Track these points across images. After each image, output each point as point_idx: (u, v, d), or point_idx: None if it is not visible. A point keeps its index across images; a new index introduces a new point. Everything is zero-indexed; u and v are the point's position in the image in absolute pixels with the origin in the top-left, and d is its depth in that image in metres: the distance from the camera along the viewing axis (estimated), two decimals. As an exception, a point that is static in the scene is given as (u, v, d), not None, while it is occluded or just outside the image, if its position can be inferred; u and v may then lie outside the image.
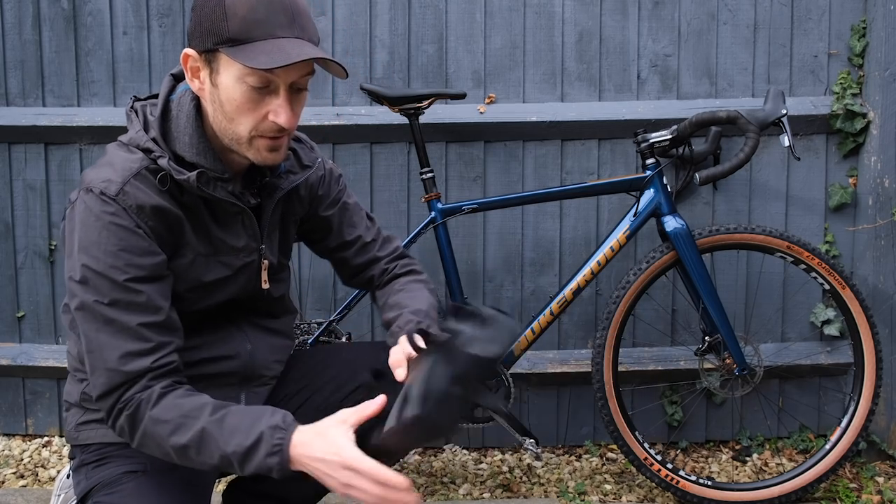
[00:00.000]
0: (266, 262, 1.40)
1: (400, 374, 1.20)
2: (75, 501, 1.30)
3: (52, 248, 2.54)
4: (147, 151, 1.24)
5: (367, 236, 1.54)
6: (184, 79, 1.32)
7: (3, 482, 2.34)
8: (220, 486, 2.04)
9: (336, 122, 2.41)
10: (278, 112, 1.21)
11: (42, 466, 2.44)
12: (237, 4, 1.16)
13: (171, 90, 1.30)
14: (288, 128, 1.23)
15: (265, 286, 1.42)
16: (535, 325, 2.17)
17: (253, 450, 1.14)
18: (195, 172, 1.23)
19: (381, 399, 1.15)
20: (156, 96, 1.33)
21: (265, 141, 1.24)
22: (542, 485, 2.35)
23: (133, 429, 1.20)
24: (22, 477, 2.38)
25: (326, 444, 1.12)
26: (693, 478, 2.17)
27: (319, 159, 1.48)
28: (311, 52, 1.17)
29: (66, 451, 2.51)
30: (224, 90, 1.20)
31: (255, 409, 1.20)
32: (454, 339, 1.19)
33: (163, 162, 1.22)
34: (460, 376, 1.13)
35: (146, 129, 1.26)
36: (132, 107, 1.30)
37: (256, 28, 1.16)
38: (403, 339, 1.25)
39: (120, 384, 1.19)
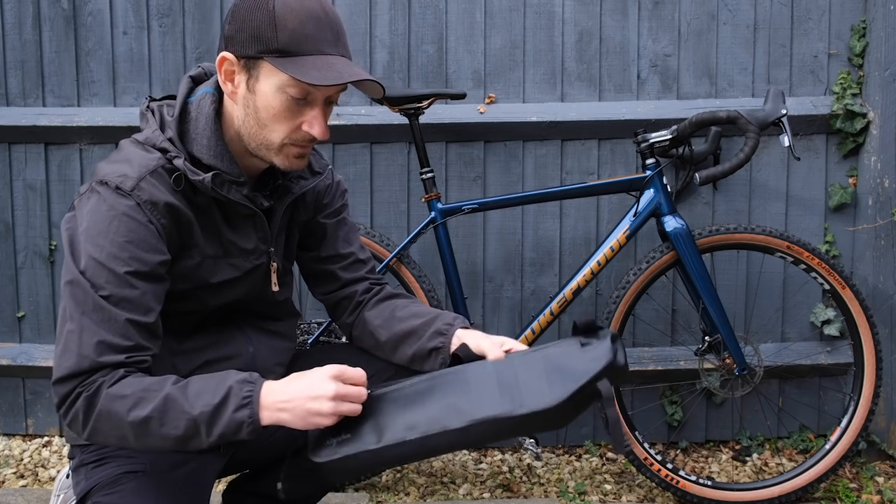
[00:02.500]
0: (275, 264, 1.41)
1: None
2: (75, 501, 1.29)
3: (52, 248, 2.54)
4: (163, 151, 1.25)
5: (361, 255, 1.54)
6: (202, 82, 1.33)
7: (3, 482, 2.34)
8: (220, 486, 2.04)
9: (336, 122, 2.40)
10: (313, 124, 1.24)
11: (42, 466, 2.44)
12: (287, 17, 1.18)
13: (190, 92, 1.31)
14: (321, 139, 1.26)
15: (275, 289, 1.43)
16: (534, 325, 2.17)
17: (221, 406, 1.12)
18: (210, 174, 1.24)
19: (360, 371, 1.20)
20: (171, 97, 1.34)
21: (295, 148, 1.27)
22: (542, 485, 2.35)
23: (88, 412, 1.13)
24: (22, 477, 2.38)
25: (301, 379, 1.16)
26: (693, 478, 2.17)
27: (330, 167, 1.50)
28: (361, 74, 1.21)
29: (65, 451, 2.51)
30: (262, 97, 1.22)
31: (219, 373, 1.19)
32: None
33: (178, 162, 1.23)
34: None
35: (162, 128, 1.27)
36: (148, 106, 1.31)
37: (306, 42, 1.19)
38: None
39: (86, 370, 1.14)
